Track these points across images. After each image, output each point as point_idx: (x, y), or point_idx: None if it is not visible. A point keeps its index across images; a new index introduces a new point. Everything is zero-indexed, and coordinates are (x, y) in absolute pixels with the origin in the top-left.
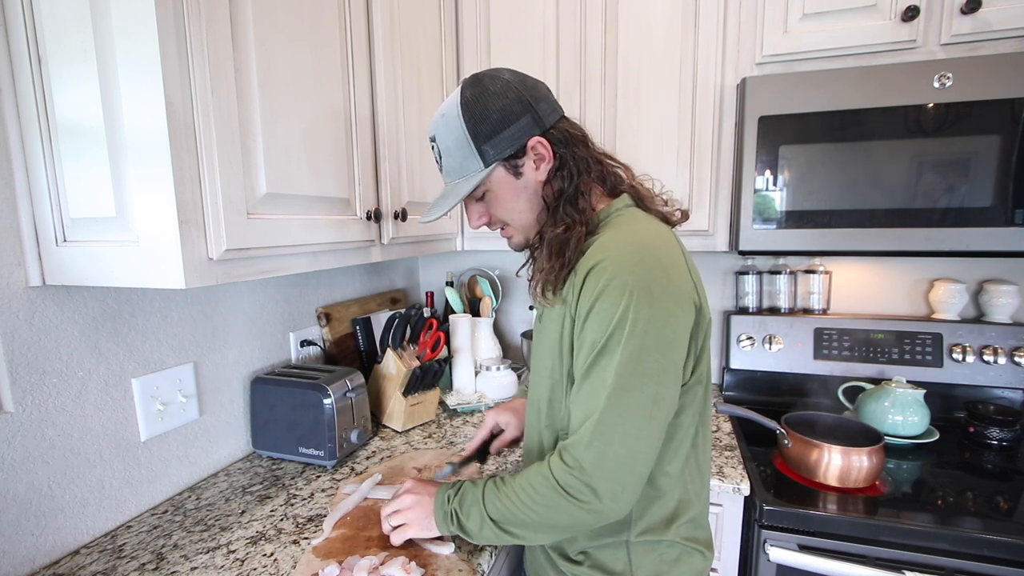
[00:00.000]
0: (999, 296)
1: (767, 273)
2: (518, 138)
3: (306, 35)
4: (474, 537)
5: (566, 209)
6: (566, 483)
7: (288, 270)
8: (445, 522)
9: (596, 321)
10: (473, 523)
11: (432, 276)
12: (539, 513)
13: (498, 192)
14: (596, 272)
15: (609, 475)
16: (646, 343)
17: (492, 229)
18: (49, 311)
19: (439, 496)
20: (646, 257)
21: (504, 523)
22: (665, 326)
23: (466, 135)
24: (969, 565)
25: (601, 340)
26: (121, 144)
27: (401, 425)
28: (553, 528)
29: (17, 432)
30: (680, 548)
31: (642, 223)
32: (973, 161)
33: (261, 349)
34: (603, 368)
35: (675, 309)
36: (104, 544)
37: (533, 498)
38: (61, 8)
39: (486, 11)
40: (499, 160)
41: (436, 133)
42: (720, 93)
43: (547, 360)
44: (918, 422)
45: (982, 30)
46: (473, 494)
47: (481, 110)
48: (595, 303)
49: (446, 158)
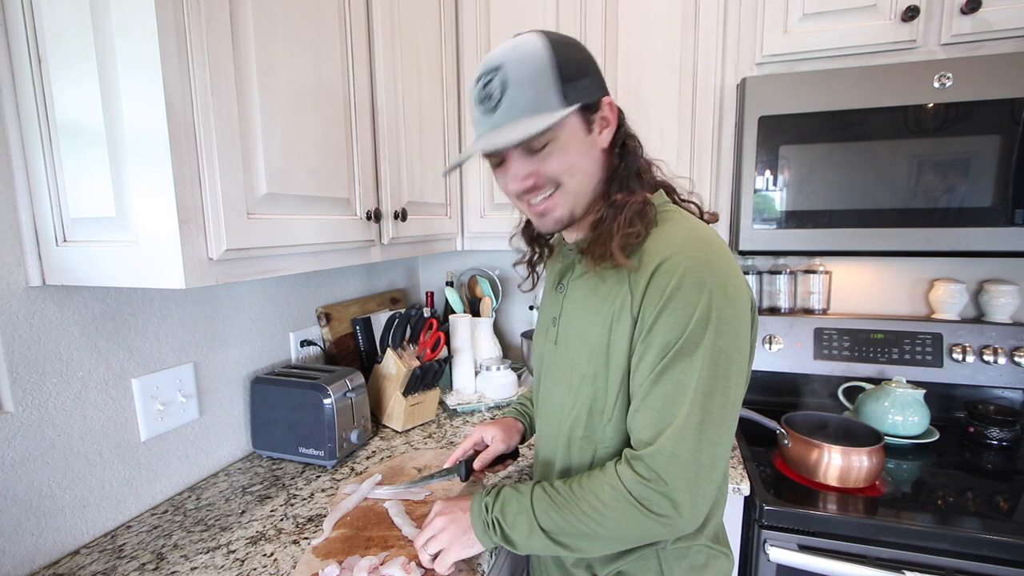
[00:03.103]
0: (999, 296)
1: (767, 273)
2: (596, 91)
3: (306, 35)
4: (520, 548)
5: (633, 182)
6: (641, 495)
7: (288, 270)
8: (486, 533)
9: (671, 320)
10: (519, 533)
11: (432, 276)
12: (605, 526)
13: (568, 144)
14: (667, 268)
15: (691, 487)
16: (727, 345)
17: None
18: (49, 311)
19: (475, 507)
20: (715, 255)
21: (558, 534)
22: (741, 326)
23: (552, 65)
24: (969, 565)
25: (677, 341)
26: (121, 144)
27: (401, 425)
28: (618, 541)
29: (17, 432)
30: (707, 552)
31: (693, 219)
32: (973, 161)
33: (261, 349)
34: (682, 372)
35: (745, 309)
36: (104, 544)
37: (599, 510)
38: (61, 8)
39: (486, 11)
40: (579, 105)
41: (504, 61)
42: (720, 93)
43: (586, 367)
44: (918, 422)
45: (982, 30)
46: (518, 501)
47: (565, 50)
48: (668, 301)
49: (515, 89)
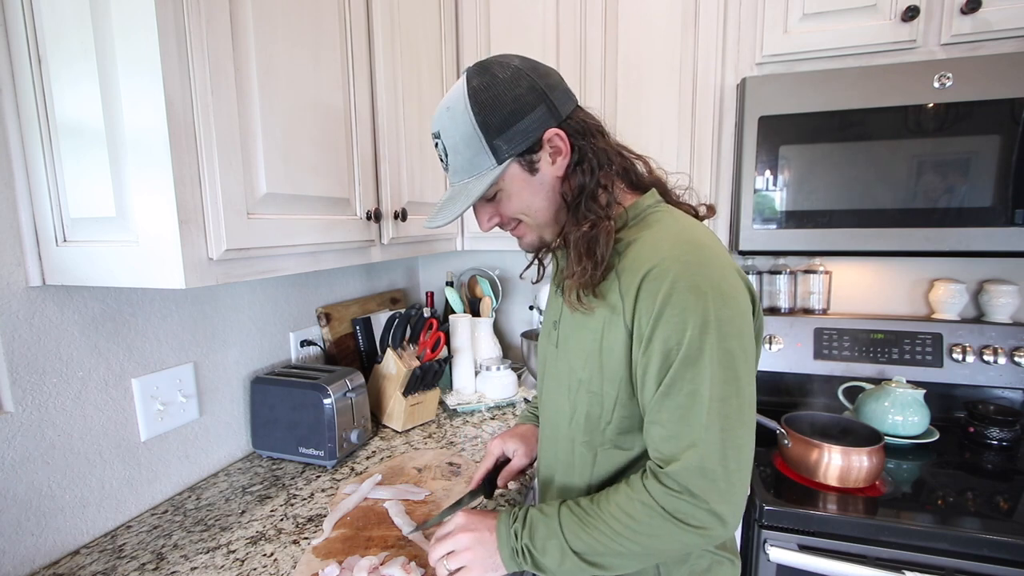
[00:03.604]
0: (999, 296)
1: (767, 273)
2: (533, 131)
3: (306, 35)
4: (553, 573)
5: (588, 205)
6: (675, 509)
7: (288, 270)
8: (514, 559)
9: (669, 328)
10: (551, 559)
11: (432, 276)
12: (640, 543)
13: (512, 191)
14: (656, 275)
15: (724, 496)
16: (733, 346)
17: (505, 229)
18: (49, 311)
19: (502, 530)
20: (707, 255)
21: (591, 555)
22: (744, 324)
23: (476, 129)
24: (969, 565)
25: (679, 348)
26: (121, 144)
27: (401, 425)
28: (654, 555)
29: (17, 432)
30: (710, 558)
31: (685, 220)
32: (973, 161)
33: (261, 349)
34: (692, 381)
35: (745, 307)
36: (104, 544)
37: (632, 527)
38: (61, 8)
39: (486, 11)
40: (513, 156)
41: (441, 128)
42: (720, 93)
43: (582, 372)
44: (918, 422)
45: (982, 30)
46: (547, 526)
47: (491, 100)
48: (663, 308)
49: (453, 156)
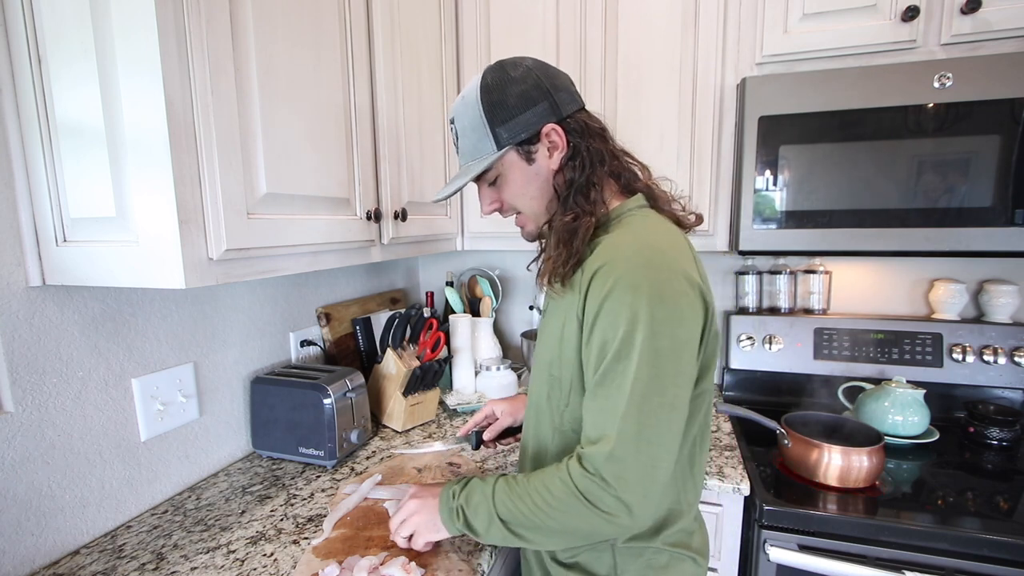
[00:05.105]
0: (999, 296)
1: (767, 273)
2: (533, 124)
3: (306, 35)
4: (481, 536)
5: (576, 199)
6: (586, 489)
7: (288, 270)
8: (451, 519)
9: (606, 322)
10: (480, 522)
11: (432, 276)
12: (555, 519)
13: (509, 177)
14: (604, 272)
15: (632, 487)
16: (662, 345)
17: (505, 216)
18: (49, 311)
19: (444, 495)
20: (656, 258)
21: (515, 524)
22: (679, 327)
23: (482, 117)
24: (969, 565)
25: (614, 343)
26: (121, 144)
27: (401, 425)
28: (568, 534)
29: (17, 432)
30: (669, 555)
31: (654, 224)
32: (973, 161)
33: (261, 349)
34: (620, 373)
35: (687, 310)
36: (104, 544)
37: (549, 502)
38: (61, 8)
39: (486, 11)
40: (512, 144)
41: (455, 114)
42: (720, 93)
43: (546, 356)
44: (918, 422)
45: (982, 30)
46: (482, 491)
47: (499, 93)
48: (604, 303)
49: (462, 139)
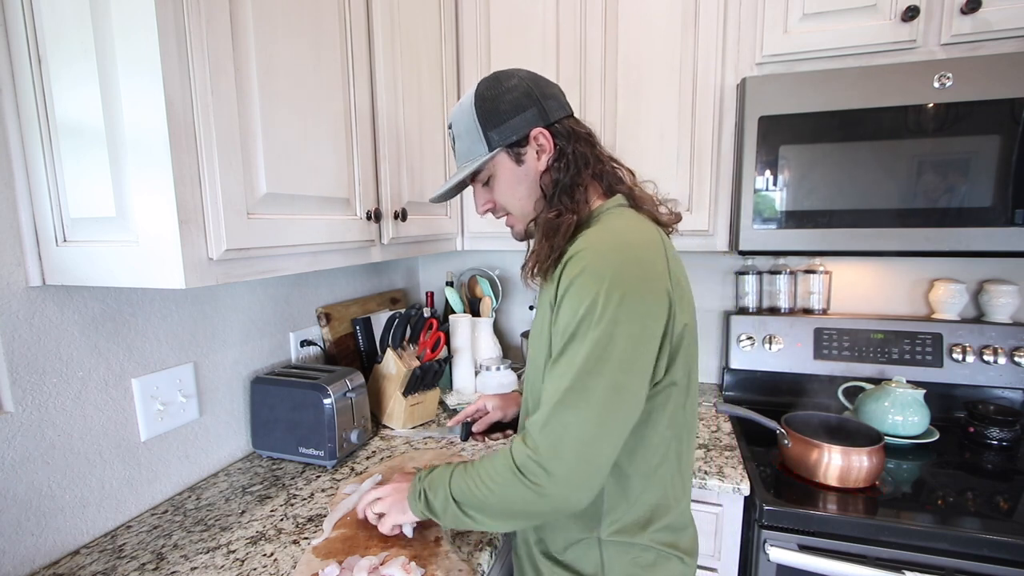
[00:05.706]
0: (999, 296)
1: (767, 273)
2: (522, 127)
3: (306, 35)
4: (439, 518)
5: (561, 198)
6: (522, 463)
7: (288, 270)
8: (415, 500)
9: (568, 306)
10: (439, 503)
11: (432, 276)
12: (495, 494)
13: (500, 177)
14: (574, 261)
15: (563, 458)
16: (614, 331)
17: (497, 216)
18: (49, 311)
19: (415, 480)
20: (625, 252)
21: (464, 504)
22: (636, 317)
23: (476, 121)
24: (969, 565)
25: (572, 325)
26: (121, 144)
27: (401, 425)
28: (507, 513)
29: (17, 432)
30: (656, 553)
31: (629, 221)
32: (973, 161)
33: (261, 349)
34: (573, 353)
35: (649, 303)
36: (104, 544)
37: (493, 478)
38: (61, 8)
39: (486, 11)
40: (503, 146)
41: (453, 120)
42: (720, 93)
43: (535, 348)
44: (918, 422)
45: (982, 30)
46: (442, 473)
47: (492, 100)
48: (569, 288)
49: (458, 143)
